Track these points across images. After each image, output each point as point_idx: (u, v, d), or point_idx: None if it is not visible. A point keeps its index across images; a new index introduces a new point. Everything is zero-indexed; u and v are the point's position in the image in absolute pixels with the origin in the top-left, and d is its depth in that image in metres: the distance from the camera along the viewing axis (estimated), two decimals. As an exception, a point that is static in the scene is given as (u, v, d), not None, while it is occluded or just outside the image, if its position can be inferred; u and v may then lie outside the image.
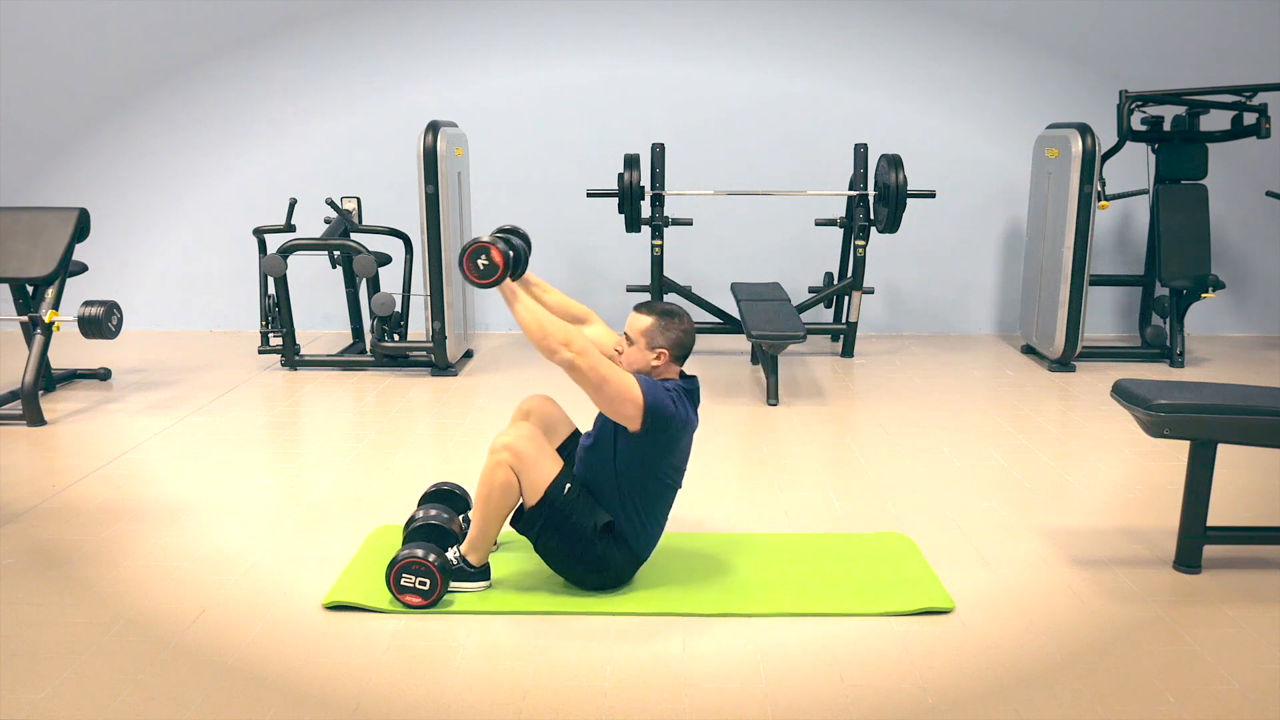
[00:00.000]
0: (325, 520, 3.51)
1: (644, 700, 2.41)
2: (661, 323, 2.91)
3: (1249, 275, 6.75)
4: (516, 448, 2.80)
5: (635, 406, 2.75)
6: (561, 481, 2.83)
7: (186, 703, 2.38)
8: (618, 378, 2.75)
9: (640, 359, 2.90)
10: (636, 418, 2.77)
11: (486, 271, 2.76)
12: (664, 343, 2.90)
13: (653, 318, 2.91)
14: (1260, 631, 2.74)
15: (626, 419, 2.77)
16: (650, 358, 2.90)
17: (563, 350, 2.69)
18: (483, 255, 2.76)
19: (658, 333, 2.90)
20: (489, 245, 2.75)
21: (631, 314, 2.96)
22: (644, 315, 2.92)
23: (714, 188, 6.35)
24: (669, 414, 2.81)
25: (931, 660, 2.59)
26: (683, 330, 2.92)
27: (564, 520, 2.82)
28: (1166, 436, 2.97)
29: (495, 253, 2.75)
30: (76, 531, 3.39)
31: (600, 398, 2.75)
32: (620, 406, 2.75)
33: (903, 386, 5.43)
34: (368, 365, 5.66)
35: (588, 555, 2.85)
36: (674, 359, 2.93)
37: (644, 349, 2.90)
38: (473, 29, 6.51)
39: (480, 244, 2.76)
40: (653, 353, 2.90)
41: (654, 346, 2.90)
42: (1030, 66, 6.53)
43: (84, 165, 6.64)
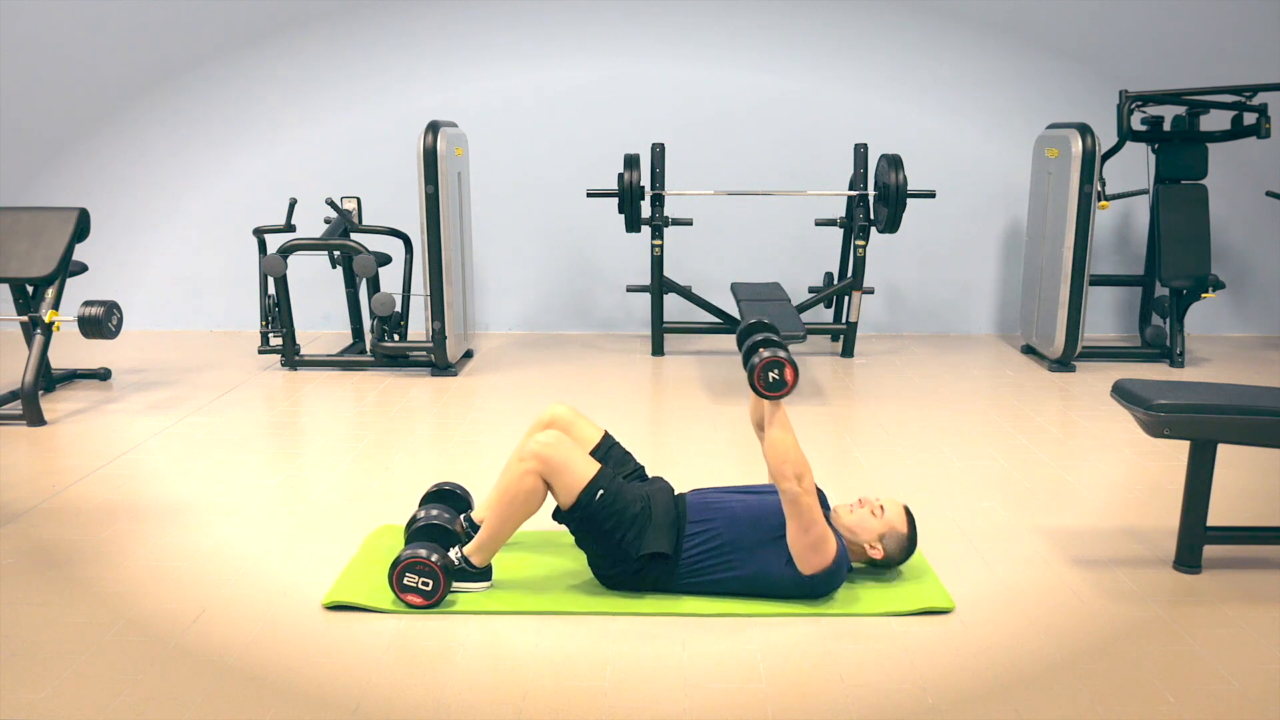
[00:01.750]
0: (325, 520, 3.51)
1: (644, 700, 2.41)
2: (906, 543, 2.97)
3: (1249, 275, 6.76)
4: (545, 455, 2.81)
5: (821, 561, 2.80)
6: (594, 487, 2.82)
7: (186, 703, 2.38)
8: (823, 529, 2.78)
9: (865, 533, 2.94)
10: (814, 568, 2.80)
11: (774, 385, 2.77)
12: (889, 549, 2.96)
13: (907, 531, 2.97)
14: (1260, 631, 2.74)
15: (804, 562, 2.80)
16: (869, 545, 2.95)
17: (795, 483, 2.71)
18: (776, 370, 2.76)
19: (895, 541, 2.96)
20: (786, 363, 2.76)
21: (898, 503, 3.01)
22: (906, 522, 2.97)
23: (714, 188, 6.35)
24: (830, 585, 2.85)
25: (931, 660, 2.59)
26: (905, 554, 2.99)
27: (597, 526, 2.82)
28: (1166, 436, 2.97)
29: (790, 372, 2.76)
30: (76, 531, 3.39)
31: (802, 537, 2.77)
32: (810, 554, 2.78)
33: (903, 386, 5.43)
34: (368, 365, 5.66)
35: (623, 564, 2.85)
36: (877, 563, 2.99)
37: (874, 534, 2.94)
38: (473, 29, 6.51)
39: (778, 359, 2.76)
40: (877, 546, 2.95)
41: (882, 543, 2.95)
42: (1030, 66, 6.53)
43: (84, 165, 6.64)
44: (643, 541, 2.82)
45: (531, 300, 6.83)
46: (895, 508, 2.99)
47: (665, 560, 2.85)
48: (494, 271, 6.75)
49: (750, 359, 2.81)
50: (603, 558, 2.88)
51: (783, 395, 2.77)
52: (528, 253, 6.76)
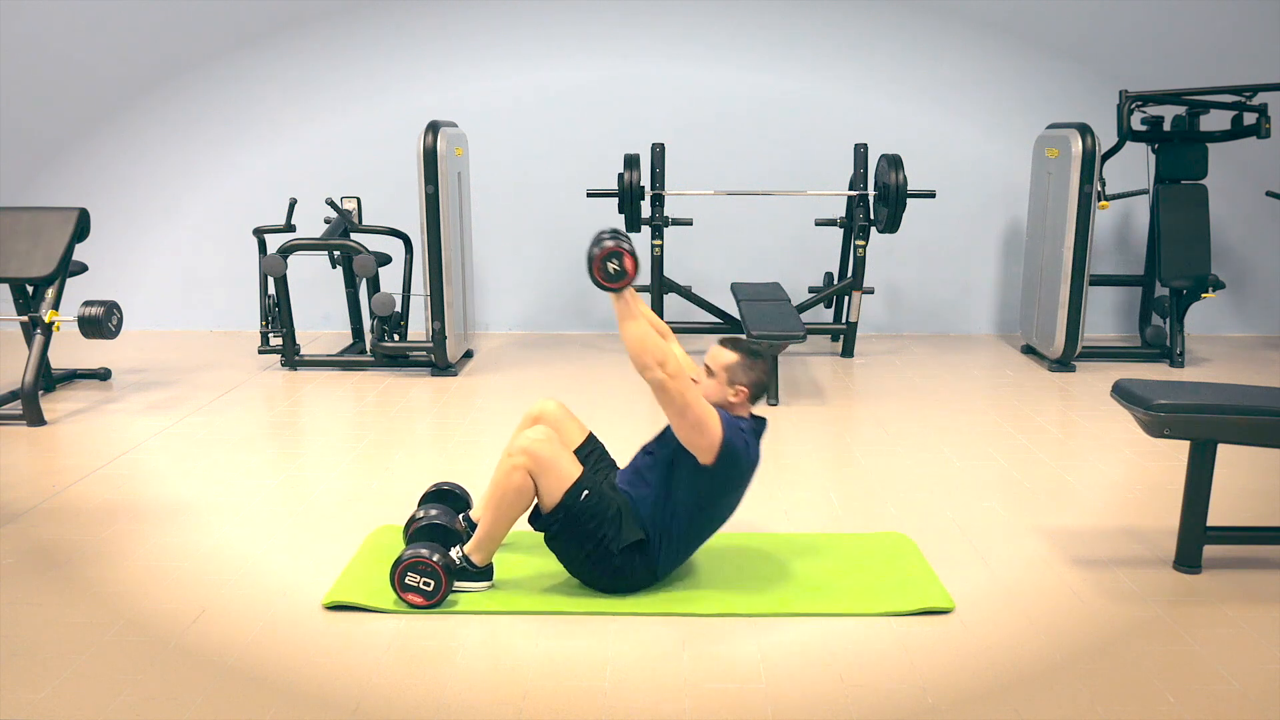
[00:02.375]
0: (325, 520, 3.51)
1: (644, 700, 2.41)
2: (746, 361, 2.93)
3: (1249, 275, 6.76)
4: (534, 451, 2.80)
5: (711, 440, 2.77)
6: (580, 487, 2.82)
7: (186, 703, 2.38)
8: (701, 407, 2.76)
9: (718, 392, 2.91)
10: (711, 450, 2.78)
11: (616, 276, 2.77)
12: (745, 381, 2.92)
13: (738, 355, 2.93)
14: (1260, 631, 2.74)
15: (699, 450, 2.78)
16: (729, 393, 2.92)
17: (656, 369, 2.69)
18: (615, 260, 2.76)
19: (740, 370, 2.92)
20: (624, 252, 2.76)
21: (715, 347, 2.98)
22: (728, 351, 2.94)
23: (714, 188, 6.35)
24: (740, 455, 2.83)
25: (931, 660, 2.59)
26: (764, 371, 2.96)
27: (580, 526, 2.82)
28: (1166, 436, 2.97)
29: (629, 261, 2.76)
30: (76, 531, 3.39)
31: (682, 422, 2.75)
32: (697, 437, 2.76)
33: (903, 386, 5.43)
34: (368, 365, 5.66)
35: (605, 563, 2.85)
36: (751, 398, 2.96)
37: (724, 384, 2.92)
38: (473, 29, 6.51)
39: (612, 248, 2.76)
40: (732, 389, 2.92)
41: (734, 383, 2.92)
42: (1030, 66, 6.53)
43: (84, 165, 6.64)
44: (621, 536, 2.83)
45: (531, 300, 6.83)
46: (714, 356, 2.95)
47: (644, 547, 2.85)
48: (494, 271, 6.75)
49: (590, 252, 2.80)
50: (582, 560, 2.87)
51: (624, 285, 2.77)
52: (528, 253, 6.76)
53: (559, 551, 2.90)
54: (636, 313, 2.77)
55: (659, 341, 2.73)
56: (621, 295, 2.78)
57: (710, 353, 2.97)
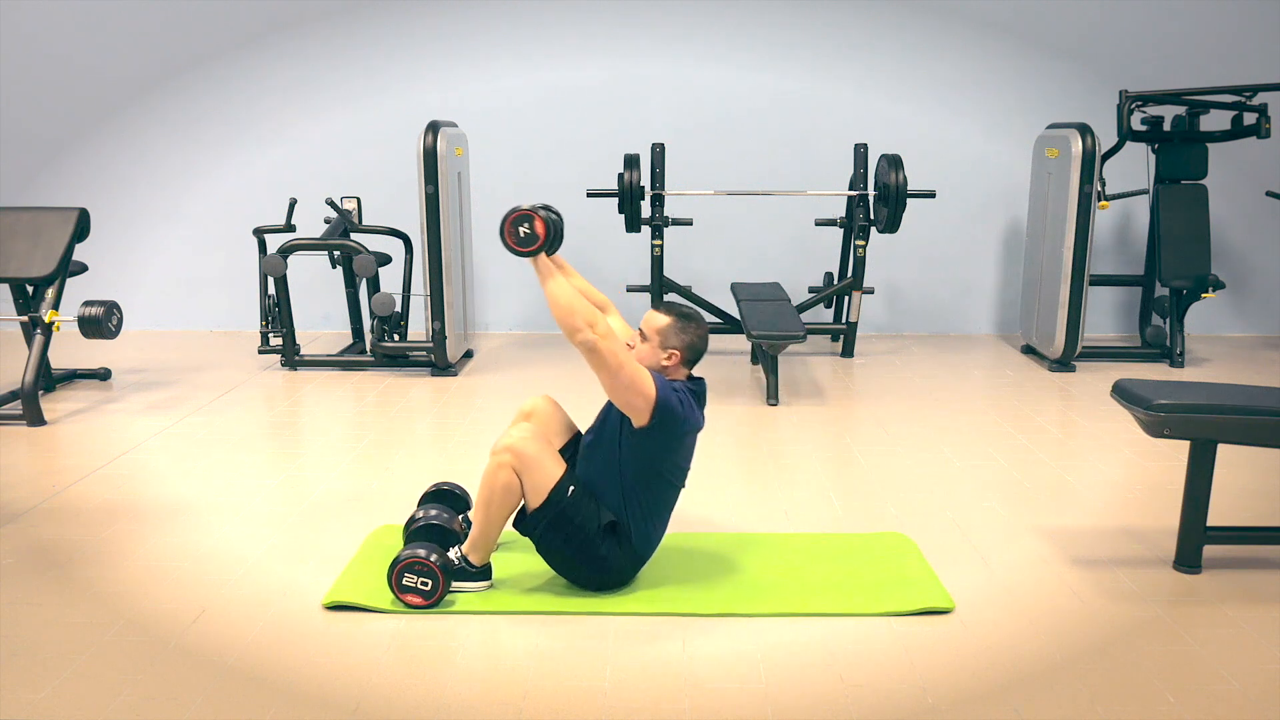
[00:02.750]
0: (325, 520, 3.51)
1: (644, 700, 2.41)
2: (678, 324, 2.93)
3: (1249, 275, 6.75)
4: (518, 449, 2.80)
5: (646, 399, 2.76)
6: (565, 483, 2.82)
7: (186, 703, 2.38)
8: (633, 367, 2.76)
9: (651, 357, 2.91)
10: (646, 410, 2.78)
11: (526, 240, 2.76)
12: (677, 344, 2.92)
13: (670, 318, 2.93)
14: (1260, 631, 2.74)
15: (635, 411, 2.78)
16: (662, 357, 2.92)
17: (586, 330, 2.68)
18: (525, 223, 2.76)
19: (672, 333, 2.92)
20: (532, 214, 2.76)
21: (649, 312, 2.98)
22: (661, 315, 2.94)
23: (714, 188, 6.35)
24: (676, 412, 2.82)
25: (931, 660, 2.59)
26: (697, 335, 2.95)
27: (567, 522, 2.81)
28: (1166, 436, 2.97)
29: (539, 222, 2.75)
30: (76, 531, 3.39)
31: (615, 384, 2.75)
32: (632, 397, 2.76)
33: (903, 386, 5.43)
34: (368, 365, 5.66)
35: (591, 556, 2.85)
36: (684, 361, 2.95)
37: (657, 347, 2.92)
38: (473, 29, 6.51)
39: (523, 211, 2.76)
40: (664, 352, 2.92)
41: (666, 346, 2.92)
42: (1030, 66, 6.52)
43: (84, 165, 6.64)
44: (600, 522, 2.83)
45: (531, 300, 6.83)
46: (648, 320, 2.94)
47: (618, 528, 2.85)
48: (494, 271, 6.75)
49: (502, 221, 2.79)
50: (569, 557, 2.87)
51: (538, 249, 2.77)
52: (528, 253, 6.75)
53: (546, 552, 2.90)
54: (556, 274, 2.77)
55: (585, 304, 2.74)
56: (538, 259, 2.78)
57: (645, 317, 2.97)
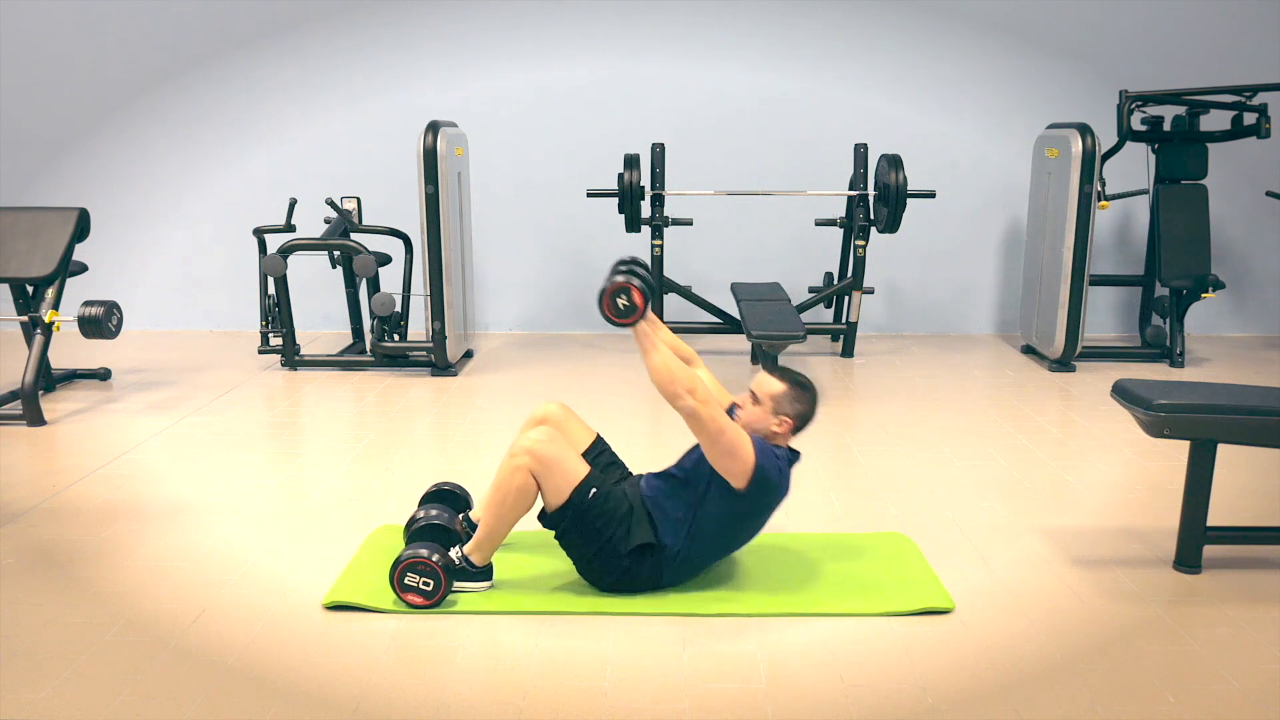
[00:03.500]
0: (325, 520, 3.51)
1: (644, 700, 2.41)
2: (793, 392, 2.93)
3: (1249, 275, 6.76)
4: (538, 451, 2.80)
5: (745, 466, 2.77)
6: (587, 486, 2.82)
7: (186, 703, 2.38)
8: (734, 433, 2.76)
9: (761, 421, 2.91)
10: (743, 476, 2.78)
11: (626, 311, 2.78)
12: (790, 412, 2.92)
13: (785, 385, 2.93)
14: (1260, 631, 2.74)
15: (732, 475, 2.78)
16: (773, 423, 2.91)
17: (687, 397, 2.68)
18: (623, 295, 2.77)
19: (787, 401, 2.92)
20: (629, 286, 2.77)
21: (762, 374, 2.97)
22: (777, 381, 2.94)
23: (714, 188, 6.35)
24: (772, 483, 2.83)
25: (931, 660, 2.59)
26: (811, 405, 2.95)
27: (588, 525, 2.82)
28: (1166, 436, 2.97)
29: (636, 293, 2.77)
30: (76, 531, 3.39)
31: (714, 449, 2.75)
32: (730, 462, 2.76)
33: (903, 386, 5.43)
34: (368, 365, 5.66)
35: (613, 563, 2.85)
36: (794, 429, 2.95)
37: (769, 413, 2.91)
38: (473, 29, 6.51)
39: (620, 285, 2.77)
40: (776, 419, 2.91)
41: (779, 413, 2.91)
42: (1030, 66, 6.52)
43: (84, 165, 6.64)
44: (630, 537, 2.82)
45: (531, 300, 6.83)
46: (761, 384, 2.94)
47: (654, 551, 2.85)
48: (494, 271, 6.75)
49: (600, 290, 2.81)
50: (591, 560, 2.87)
51: (634, 320, 2.77)
52: (528, 253, 6.76)
53: (569, 549, 2.90)
54: (657, 343, 2.77)
55: (685, 369, 2.73)
56: (637, 328, 2.78)
57: (757, 379, 2.97)
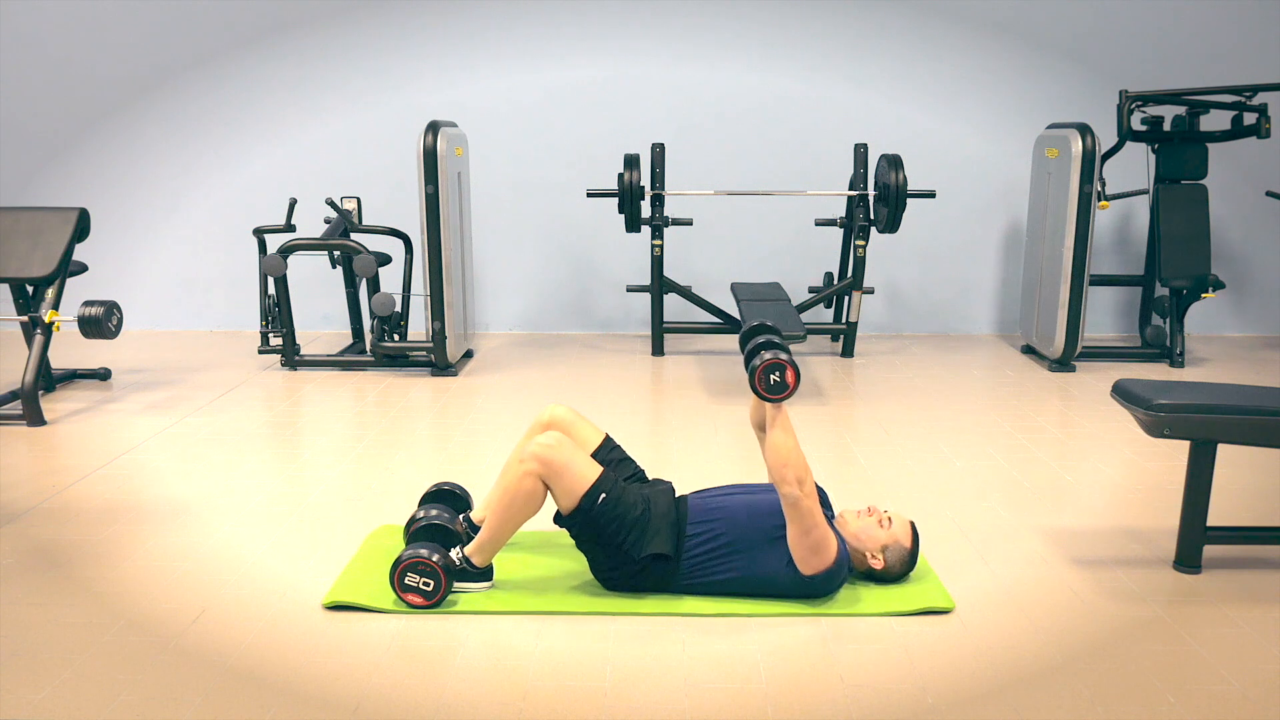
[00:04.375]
0: (325, 520, 3.51)
1: (644, 700, 2.41)
2: (906, 557, 2.95)
3: (1249, 275, 6.76)
4: (546, 457, 2.79)
5: (822, 563, 2.79)
6: (597, 490, 2.81)
7: (186, 703, 2.38)
8: (824, 532, 2.78)
9: (870, 542, 2.93)
10: (814, 569, 2.80)
11: (776, 388, 2.76)
12: (891, 562, 2.94)
13: (910, 547, 2.95)
14: (1260, 631, 2.74)
15: (804, 563, 2.80)
16: (871, 552, 2.93)
17: (796, 486, 2.69)
18: (777, 372, 2.75)
19: (898, 554, 2.94)
20: (787, 365, 2.75)
21: (906, 519, 2.99)
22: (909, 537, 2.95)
23: (714, 188, 6.35)
24: (829, 586, 2.85)
25: (931, 660, 2.59)
26: (904, 569, 2.96)
27: (599, 529, 2.82)
28: (1166, 436, 2.97)
29: (791, 374, 2.75)
30: (76, 531, 3.39)
31: (803, 540, 2.76)
32: (811, 555, 2.78)
33: (903, 386, 5.43)
34: (368, 365, 5.66)
35: (626, 566, 2.85)
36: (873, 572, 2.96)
37: (878, 545, 2.93)
38: (473, 29, 6.51)
39: (779, 361, 2.75)
40: (880, 554, 2.93)
41: (885, 552, 2.93)
42: (1030, 66, 6.53)
43: (84, 165, 6.64)
44: (644, 544, 2.82)
45: (531, 300, 6.83)
46: (902, 522, 2.98)
47: (666, 561, 2.85)
48: (494, 271, 6.75)
49: (752, 361, 2.80)
50: (604, 561, 2.88)
51: (784, 398, 2.77)
52: (528, 253, 6.76)
53: (583, 549, 2.91)
54: (790, 425, 2.77)
55: (803, 458, 2.74)
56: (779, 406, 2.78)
57: (899, 515, 2.99)
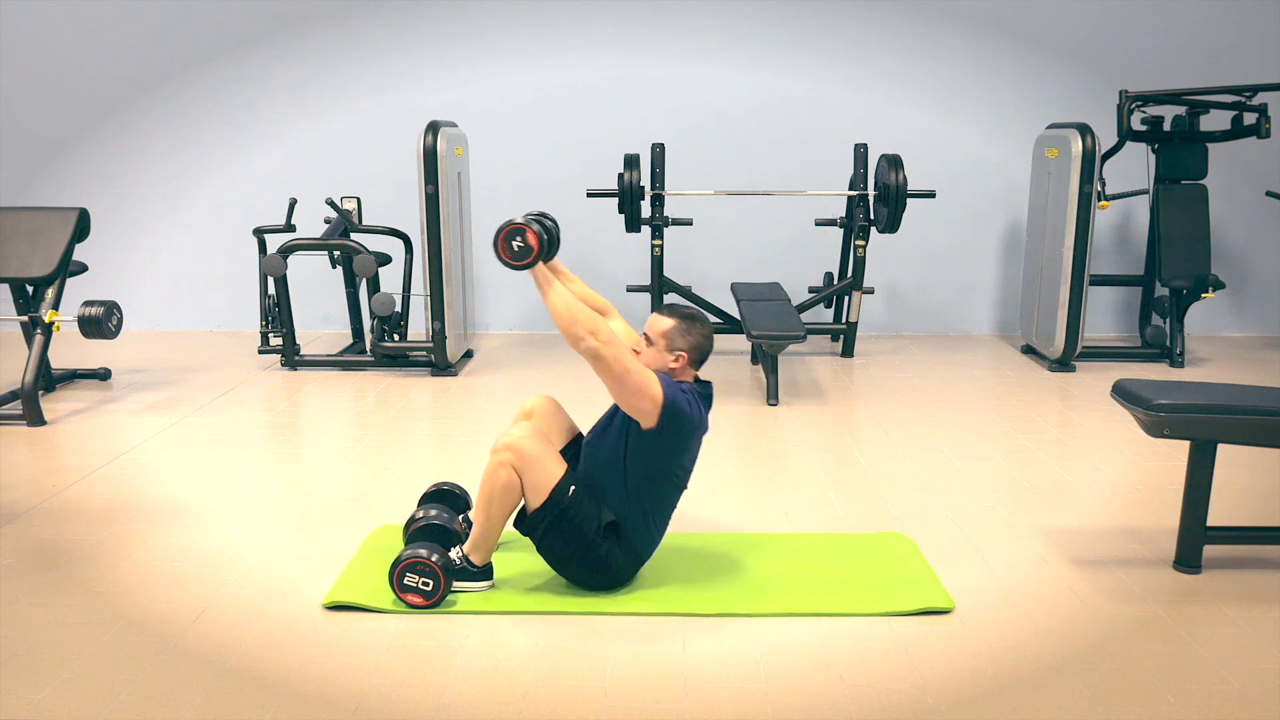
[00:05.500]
0: (325, 520, 3.51)
1: (644, 700, 2.41)
2: (683, 326, 2.93)
3: (1249, 275, 6.76)
4: (519, 447, 2.80)
5: (654, 402, 2.77)
6: (566, 483, 2.82)
7: (186, 703, 2.38)
8: (639, 371, 2.76)
9: (658, 360, 2.91)
10: (653, 414, 2.78)
11: (521, 253, 2.76)
12: (684, 346, 2.92)
13: (674, 320, 2.93)
14: (1260, 631, 2.74)
15: (643, 414, 2.78)
16: (669, 359, 2.92)
17: (589, 338, 2.69)
18: (518, 237, 2.75)
19: (678, 335, 2.92)
20: (524, 227, 2.75)
21: (652, 315, 2.98)
22: (665, 318, 2.94)
23: (714, 188, 6.35)
24: (685, 414, 2.82)
25: (931, 660, 2.59)
26: (703, 335, 2.95)
27: (568, 523, 2.81)
28: (1166, 436, 2.97)
29: (530, 235, 2.75)
30: (76, 531, 3.39)
31: (621, 389, 2.75)
32: (639, 401, 2.76)
33: (903, 386, 5.43)
34: (368, 365, 5.66)
35: (591, 557, 2.85)
36: (691, 363, 2.95)
37: (663, 350, 2.92)
38: (473, 29, 6.51)
39: (515, 225, 2.76)
40: (671, 355, 2.92)
41: (673, 349, 2.92)
42: (1030, 66, 6.53)
43: (84, 165, 6.64)
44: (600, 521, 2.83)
45: (532, 300, 6.82)
46: (652, 324, 2.94)
47: (619, 528, 2.86)
48: (494, 271, 6.75)
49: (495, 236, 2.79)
50: (569, 557, 2.87)
51: (530, 262, 2.77)
52: (528, 253, 6.75)
53: (547, 552, 2.90)
54: (555, 283, 2.78)
55: (587, 311, 2.74)
56: (536, 270, 2.79)
57: (649, 321, 2.98)
